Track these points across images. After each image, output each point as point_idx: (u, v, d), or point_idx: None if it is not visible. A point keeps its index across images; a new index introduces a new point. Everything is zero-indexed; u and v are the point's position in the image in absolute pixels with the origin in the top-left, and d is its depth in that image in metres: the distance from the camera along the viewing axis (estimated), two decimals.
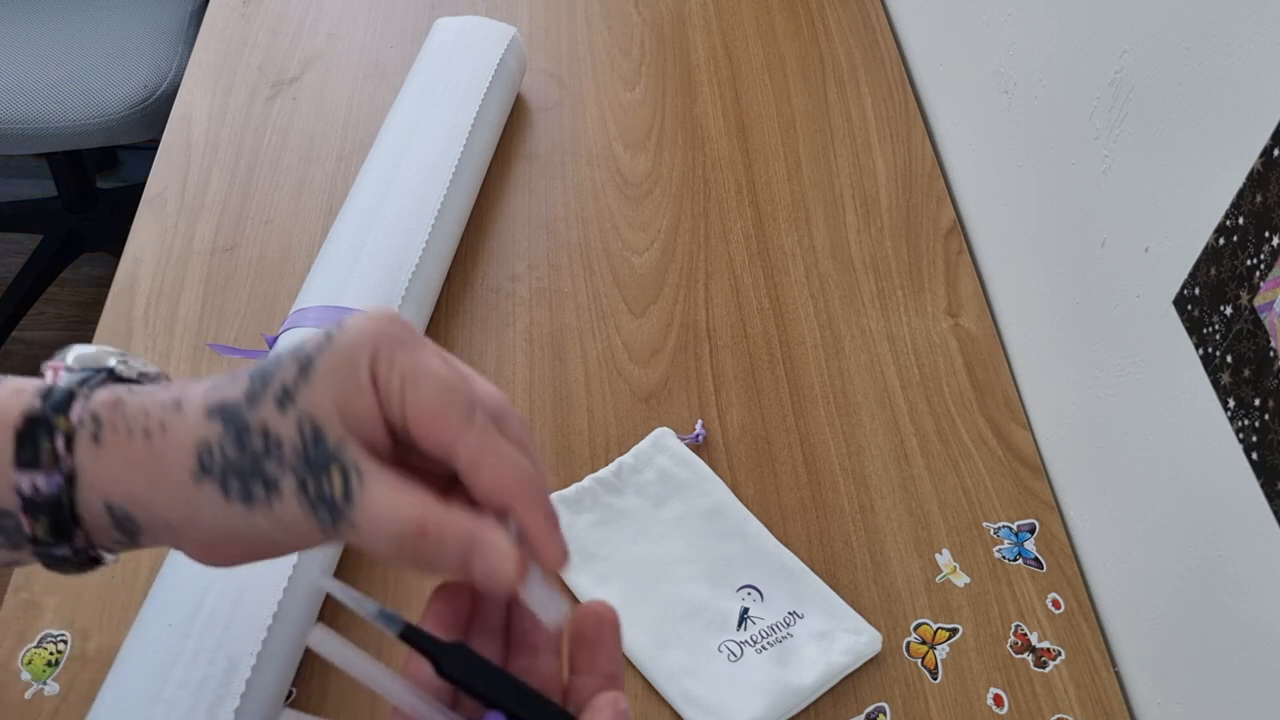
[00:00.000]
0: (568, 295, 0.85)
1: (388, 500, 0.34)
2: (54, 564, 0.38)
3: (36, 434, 0.36)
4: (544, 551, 0.35)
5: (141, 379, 0.41)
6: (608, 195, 0.92)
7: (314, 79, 1.00)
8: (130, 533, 0.37)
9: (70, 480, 0.36)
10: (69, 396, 0.37)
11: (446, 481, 0.38)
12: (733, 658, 0.65)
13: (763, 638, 0.66)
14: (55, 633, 0.64)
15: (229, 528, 0.36)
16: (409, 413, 0.35)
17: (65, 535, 0.37)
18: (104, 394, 0.37)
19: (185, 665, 0.56)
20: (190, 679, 0.56)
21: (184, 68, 1.02)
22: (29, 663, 0.63)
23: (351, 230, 0.78)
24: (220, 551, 0.37)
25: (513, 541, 0.35)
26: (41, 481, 0.36)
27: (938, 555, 0.72)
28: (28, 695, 0.62)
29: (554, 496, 0.71)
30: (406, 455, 0.37)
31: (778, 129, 0.99)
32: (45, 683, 0.62)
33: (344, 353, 0.35)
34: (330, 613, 0.67)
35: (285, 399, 0.35)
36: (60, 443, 0.36)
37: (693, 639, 0.66)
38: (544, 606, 0.37)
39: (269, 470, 0.35)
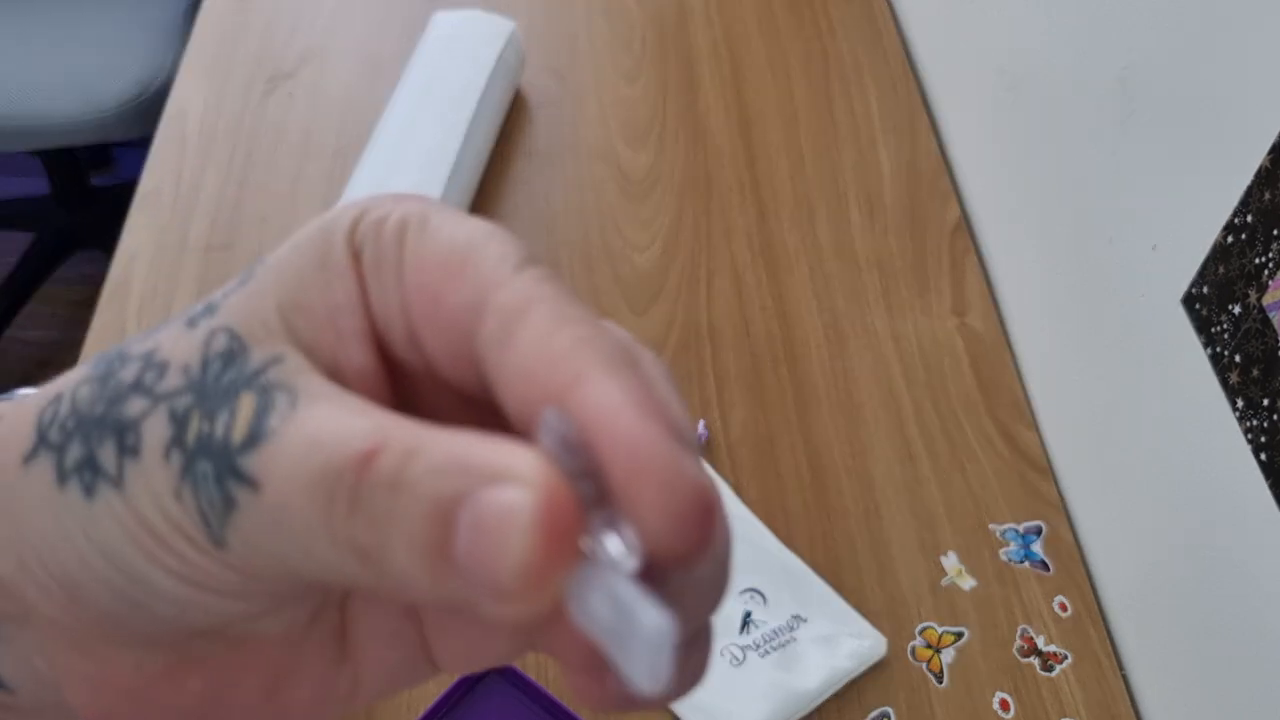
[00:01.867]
0: None
1: (325, 420, 0.18)
2: None
3: None
4: (646, 508, 0.17)
5: None
6: (608, 192, 0.92)
7: (310, 74, 0.99)
8: None
9: None
10: None
11: None
12: (735, 662, 0.64)
13: (766, 642, 0.65)
14: None
15: (64, 553, 0.19)
16: (407, 272, 0.19)
17: None
18: None
19: None
20: None
21: (178, 63, 1.01)
22: None
23: None
24: (95, 648, 0.20)
25: (548, 478, 0.17)
26: None
27: (943, 558, 0.71)
28: None
29: None
30: (421, 394, 0.21)
31: (780, 125, 0.98)
32: None
33: (311, 230, 0.20)
34: None
35: (204, 313, 0.20)
36: None
37: None
38: (626, 642, 0.17)
39: (128, 413, 0.19)
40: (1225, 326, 0.57)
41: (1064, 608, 0.69)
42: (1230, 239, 0.56)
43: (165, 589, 0.19)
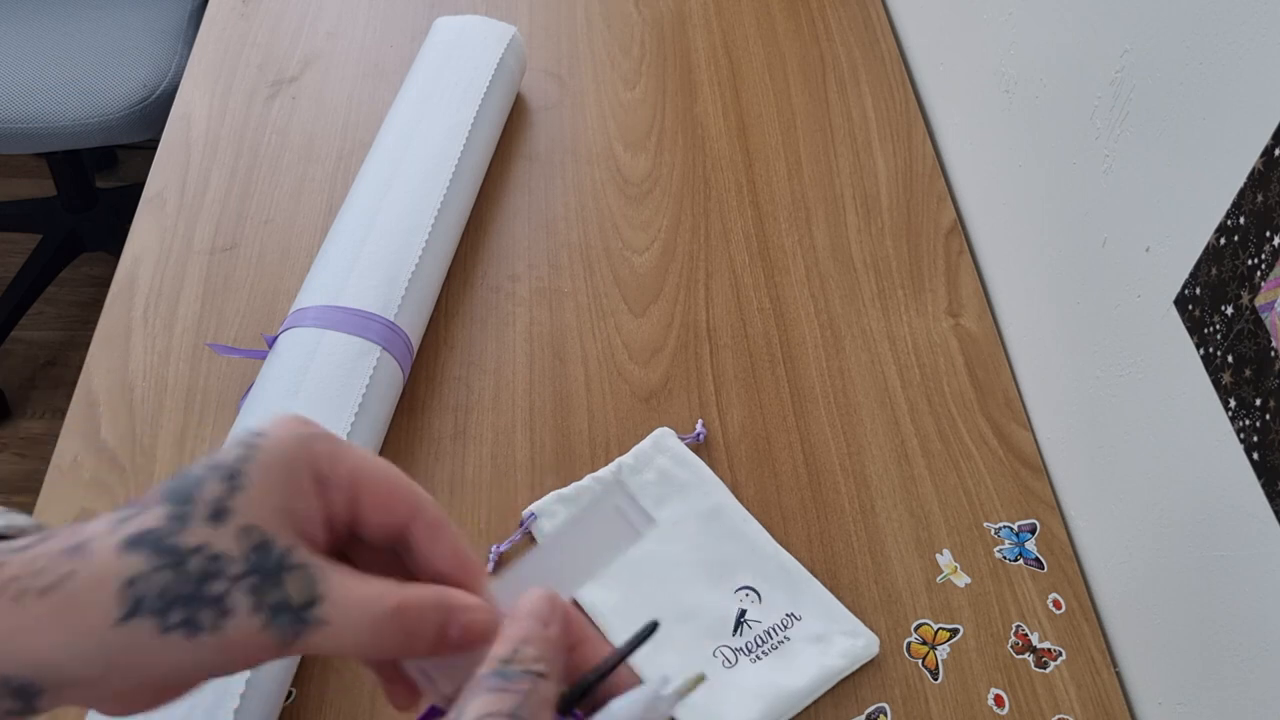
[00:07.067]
0: (568, 295, 0.85)
1: (358, 589, 0.34)
2: None
3: None
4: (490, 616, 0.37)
5: (9, 533, 0.36)
6: (608, 195, 0.92)
7: (313, 78, 1.00)
8: (28, 699, 0.32)
9: None
10: None
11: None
12: (727, 664, 0.65)
13: (758, 645, 0.66)
14: None
15: (162, 667, 0.32)
16: (365, 500, 0.36)
17: None
18: None
19: None
20: None
21: (183, 67, 1.02)
22: None
23: (351, 229, 0.78)
24: (140, 699, 0.34)
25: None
26: None
27: (938, 555, 0.72)
28: None
29: (553, 496, 0.71)
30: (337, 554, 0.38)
31: (778, 128, 0.99)
32: None
33: (278, 457, 0.35)
34: None
35: (219, 513, 0.33)
36: None
37: (689, 642, 0.65)
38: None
39: (214, 591, 0.32)
40: (1218, 327, 0.57)
41: (1058, 605, 0.70)
42: (1223, 241, 0.57)
43: (215, 673, 0.33)
